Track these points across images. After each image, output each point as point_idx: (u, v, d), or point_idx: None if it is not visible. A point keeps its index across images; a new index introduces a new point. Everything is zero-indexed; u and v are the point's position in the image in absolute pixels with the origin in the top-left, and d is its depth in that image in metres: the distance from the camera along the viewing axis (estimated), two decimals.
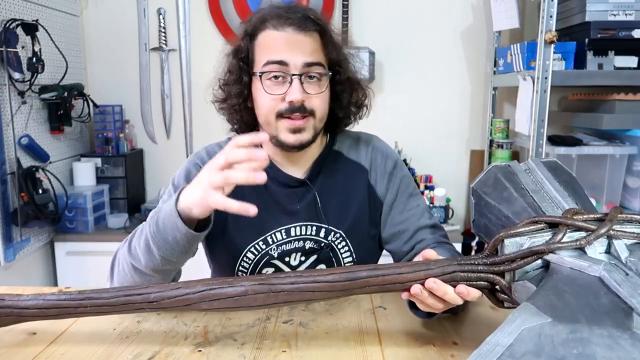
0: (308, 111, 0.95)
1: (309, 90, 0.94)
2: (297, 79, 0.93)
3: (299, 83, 0.93)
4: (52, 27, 2.18)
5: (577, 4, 2.01)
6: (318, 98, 0.96)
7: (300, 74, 0.93)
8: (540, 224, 0.67)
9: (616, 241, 0.63)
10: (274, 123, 0.96)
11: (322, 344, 0.78)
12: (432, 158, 2.59)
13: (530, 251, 0.63)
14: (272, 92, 0.94)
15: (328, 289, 0.71)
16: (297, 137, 0.96)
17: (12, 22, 1.94)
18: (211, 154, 1.06)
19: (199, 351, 0.77)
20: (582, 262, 0.60)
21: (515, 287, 0.65)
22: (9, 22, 1.93)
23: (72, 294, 0.76)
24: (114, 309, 0.75)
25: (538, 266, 0.65)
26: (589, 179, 2.06)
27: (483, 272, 0.68)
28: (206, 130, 2.59)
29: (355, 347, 0.77)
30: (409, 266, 0.71)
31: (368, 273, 0.71)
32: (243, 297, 0.71)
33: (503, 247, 0.67)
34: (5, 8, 1.96)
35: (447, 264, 0.69)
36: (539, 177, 0.81)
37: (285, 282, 0.71)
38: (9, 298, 0.77)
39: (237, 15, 2.48)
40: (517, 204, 0.76)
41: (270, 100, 0.95)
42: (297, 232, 1.02)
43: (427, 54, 2.55)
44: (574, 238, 0.63)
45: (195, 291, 0.73)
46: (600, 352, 0.47)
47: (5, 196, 1.97)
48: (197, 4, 2.52)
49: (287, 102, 0.93)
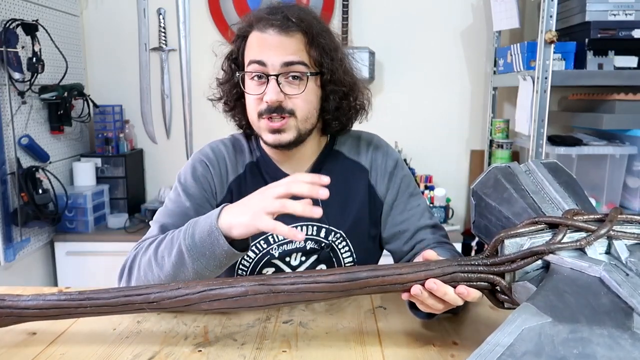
0: (287, 111, 0.95)
1: (288, 90, 0.94)
2: (273, 79, 0.93)
3: (275, 84, 0.93)
4: (52, 27, 2.18)
5: (577, 4, 2.01)
6: (298, 98, 0.95)
7: (278, 74, 0.93)
8: (540, 224, 0.66)
9: (616, 242, 0.63)
10: (257, 123, 0.98)
11: (322, 344, 0.78)
12: (432, 158, 2.59)
13: (531, 252, 0.63)
14: (253, 92, 0.96)
15: (328, 290, 0.71)
16: (276, 137, 0.96)
17: (12, 22, 1.94)
18: (215, 150, 1.06)
19: (199, 351, 0.77)
20: (582, 262, 0.60)
21: (516, 287, 0.65)
22: (9, 22, 1.93)
23: (72, 294, 0.76)
24: (114, 309, 0.75)
25: (538, 267, 0.65)
26: (589, 179, 2.06)
27: (483, 273, 0.68)
28: (206, 130, 2.59)
29: (355, 347, 0.77)
30: (409, 267, 0.71)
31: (368, 274, 0.70)
32: (243, 297, 0.71)
33: (503, 247, 0.67)
34: (5, 8, 1.96)
35: (448, 265, 0.69)
36: (539, 178, 0.81)
37: (286, 282, 0.71)
38: (9, 298, 0.77)
39: (237, 15, 2.47)
40: (517, 205, 0.76)
41: (252, 100, 0.97)
42: None
43: (427, 54, 2.55)
44: (574, 239, 0.63)
45: (195, 291, 0.73)
46: (601, 351, 0.47)
47: (5, 196, 1.97)
48: (197, 4, 2.52)
49: (265, 102, 0.94)
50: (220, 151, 1.06)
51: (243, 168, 1.06)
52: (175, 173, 1.07)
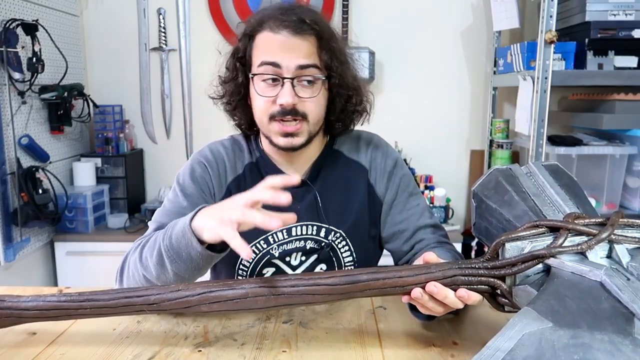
0: (300, 114, 0.95)
1: (302, 94, 0.94)
2: (288, 82, 0.93)
3: (290, 86, 0.93)
4: (52, 27, 2.18)
5: (577, 4, 2.01)
6: (311, 102, 0.95)
7: (293, 77, 0.93)
8: (541, 227, 0.66)
9: (617, 246, 0.63)
10: (267, 125, 0.97)
11: (322, 344, 0.78)
12: (432, 158, 2.59)
13: (532, 255, 0.63)
14: (265, 94, 0.95)
15: (328, 292, 0.71)
16: (288, 141, 0.96)
17: (12, 22, 1.94)
18: (214, 151, 1.06)
19: (199, 351, 0.77)
20: (583, 266, 0.59)
21: (516, 291, 0.64)
22: (9, 22, 1.93)
23: (72, 296, 0.76)
24: (114, 311, 0.75)
25: (539, 270, 0.64)
26: (589, 179, 2.06)
27: (484, 276, 0.67)
28: (206, 130, 2.59)
29: (356, 348, 0.77)
30: (409, 269, 0.71)
31: (368, 276, 0.70)
32: (243, 299, 0.71)
33: (504, 250, 0.66)
34: (5, 8, 1.96)
35: (448, 268, 0.69)
36: (540, 181, 0.81)
37: (286, 284, 0.71)
38: (9, 299, 0.77)
39: (237, 15, 2.47)
40: (518, 208, 0.76)
41: (264, 103, 0.96)
42: (298, 232, 1.02)
43: (427, 54, 2.55)
44: (575, 242, 0.63)
45: (195, 293, 0.72)
46: (602, 357, 0.47)
47: (5, 196, 1.97)
48: (197, 4, 2.52)
49: (278, 105, 0.94)
50: (219, 152, 1.06)
51: (242, 169, 1.06)
52: (175, 173, 1.07)
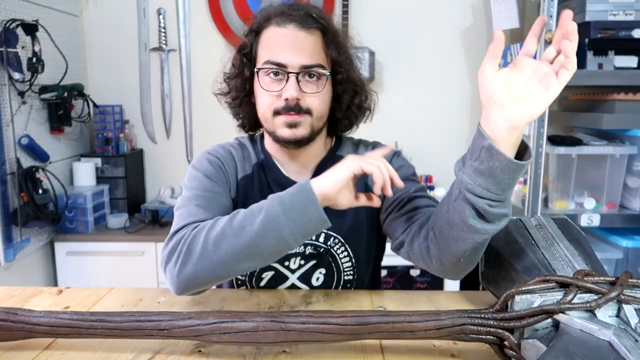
0: (304, 110, 0.95)
1: (306, 89, 0.95)
2: (293, 76, 0.93)
3: (294, 81, 0.93)
4: (52, 27, 2.17)
5: (577, 4, 2.01)
6: (315, 97, 0.95)
7: (298, 72, 0.93)
8: (551, 282, 0.67)
9: (626, 306, 0.63)
10: (271, 120, 0.97)
11: (322, 344, 0.78)
12: (432, 158, 2.59)
13: (541, 310, 0.63)
14: (270, 88, 0.95)
15: (338, 332, 0.71)
16: (292, 132, 0.96)
17: (12, 22, 1.94)
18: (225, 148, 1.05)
19: (199, 351, 0.77)
20: (592, 325, 0.60)
21: (525, 345, 0.64)
22: (9, 22, 1.93)
23: (84, 314, 0.75)
24: (124, 334, 0.74)
25: (548, 325, 0.64)
26: (589, 179, 2.05)
27: (493, 327, 0.67)
28: (206, 130, 2.59)
29: (356, 347, 0.77)
30: (419, 315, 0.71)
31: (379, 319, 0.70)
32: (254, 332, 0.71)
33: (514, 303, 0.66)
34: (5, 8, 1.96)
35: (458, 316, 0.69)
36: (550, 234, 0.81)
37: (297, 321, 0.71)
38: (21, 313, 0.77)
39: (237, 16, 2.47)
40: (527, 260, 0.76)
41: (268, 97, 0.96)
42: None
43: (427, 54, 2.55)
44: (584, 300, 0.63)
45: (206, 323, 0.72)
46: None
47: (5, 196, 1.97)
48: (197, 4, 2.52)
49: (282, 100, 0.94)
50: (229, 150, 1.06)
51: (251, 169, 1.05)
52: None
